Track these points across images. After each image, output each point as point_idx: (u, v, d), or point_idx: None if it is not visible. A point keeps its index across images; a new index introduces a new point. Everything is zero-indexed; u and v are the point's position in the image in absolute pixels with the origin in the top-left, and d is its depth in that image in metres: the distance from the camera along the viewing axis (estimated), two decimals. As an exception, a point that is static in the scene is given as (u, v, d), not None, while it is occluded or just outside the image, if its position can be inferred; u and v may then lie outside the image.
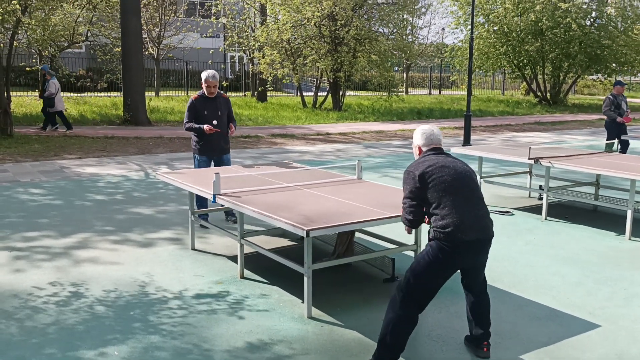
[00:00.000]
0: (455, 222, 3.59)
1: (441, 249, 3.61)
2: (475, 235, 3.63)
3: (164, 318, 4.47)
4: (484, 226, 3.69)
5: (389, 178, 10.19)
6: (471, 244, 3.63)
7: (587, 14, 28.72)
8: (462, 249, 3.62)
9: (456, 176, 3.70)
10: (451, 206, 3.62)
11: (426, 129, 3.98)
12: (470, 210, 3.66)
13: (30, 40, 17.19)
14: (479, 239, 3.66)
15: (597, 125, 22.02)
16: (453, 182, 3.67)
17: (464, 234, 3.59)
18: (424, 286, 3.69)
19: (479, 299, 3.95)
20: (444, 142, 15.71)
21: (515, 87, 43.74)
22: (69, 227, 6.91)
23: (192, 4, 37.76)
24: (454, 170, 3.72)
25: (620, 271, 5.69)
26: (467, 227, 3.60)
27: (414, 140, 4.02)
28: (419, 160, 3.83)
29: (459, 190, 3.67)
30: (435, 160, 3.76)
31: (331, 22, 22.60)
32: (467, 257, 3.71)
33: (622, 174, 6.75)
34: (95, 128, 16.88)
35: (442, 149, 3.93)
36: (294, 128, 18.30)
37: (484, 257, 3.82)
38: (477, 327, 3.97)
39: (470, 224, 3.62)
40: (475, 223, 3.65)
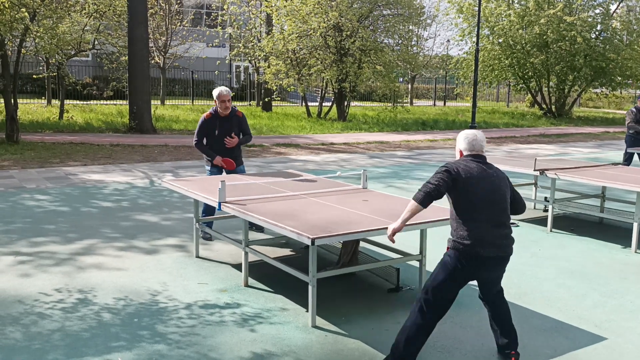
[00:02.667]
0: (477, 236, 3.64)
1: (459, 259, 3.69)
2: (494, 252, 3.68)
3: (168, 325, 4.46)
4: (504, 244, 3.73)
5: (393, 188, 10.18)
6: (488, 260, 3.69)
7: (592, 27, 28.76)
8: (478, 262, 3.68)
9: (491, 192, 3.71)
10: (478, 220, 3.67)
11: (470, 133, 3.93)
12: (495, 228, 3.69)
13: (37, 48, 17.25)
14: (497, 256, 3.71)
15: (602, 138, 22.00)
16: (487, 197, 3.69)
17: (483, 249, 3.64)
18: (442, 295, 3.75)
19: (496, 308, 3.97)
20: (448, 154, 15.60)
21: (520, 100, 43.77)
22: (75, 234, 6.93)
23: (199, 13, 37.99)
24: (491, 185, 3.73)
25: (626, 284, 5.66)
26: (488, 244, 3.65)
27: (457, 144, 3.99)
28: (461, 162, 3.80)
29: (490, 207, 3.70)
30: (476, 169, 3.75)
31: (337, 33, 22.69)
32: (483, 271, 3.78)
33: (628, 186, 6.74)
34: (100, 136, 16.95)
35: (484, 157, 3.89)
36: (298, 138, 18.33)
37: (501, 272, 3.89)
38: (502, 337, 4.00)
39: (491, 241, 3.66)
40: (497, 240, 3.69)
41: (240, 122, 6.96)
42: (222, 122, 6.80)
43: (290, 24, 22.88)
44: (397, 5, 24.28)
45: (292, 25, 22.82)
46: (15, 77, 15.20)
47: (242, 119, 6.99)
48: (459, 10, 30.22)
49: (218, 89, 6.79)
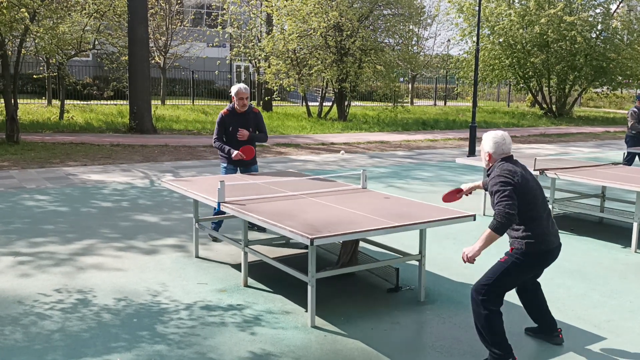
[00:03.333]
0: (544, 233, 3.87)
1: (530, 258, 3.86)
2: (557, 241, 3.97)
3: (167, 326, 4.46)
4: (558, 234, 4.03)
5: (393, 188, 10.18)
6: (554, 251, 3.95)
7: (592, 27, 28.75)
8: (548, 256, 3.93)
9: (539, 189, 3.93)
10: (540, 218, 3.86)
11: (498, 136, 3.95)
12: (550, 219, 3.95)
13: (38, 48, 17.26)
14: (559, 244, 4.00)
15: (602, 138, 21.99)
16: (539, 194, 3.90)
17: (550, 243, 3.90)
18: (505, 286, 3.92)
19: (536, 294, 4.23)
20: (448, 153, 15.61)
21: (521, 99, 43.75)
22: (74, 234, 6.93)
23: (199, 13, 38.00)
24: (536, 183, 3.94)
25: (626, 284, 5.65)
26: (552, 235, 3.93)
27: (484, 146, 4.00)
28: (508, 169, 3.85)
29: (542, 201, 3.91)
30: (522, 171, 3.89)
31: (337, 33, 22.69)
32: (550, 262, 4.00)
33: (628, 186, 6.73)
34: (100, 136, 16.96)
35: (513, 156, 3.99)
36: (298, 137, 18.33)
37: None
38: (543, 320, 4.25)
39: (553, 232, 3.95)
40: (556, 231, 3.99)
41: (257, 119, 7.02)
42: (239, 118, 6.86)
43: (291, 24, 22.88)
44: (397, 5, 24.27)
45: (292, 25, 22.82)
46: (16, 77, 15.21)
47: (258, 115, 7.08)
48: (459, 10, 30.21)
49: (236, 86, 6.86)
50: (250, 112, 6.95)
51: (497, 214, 3.73)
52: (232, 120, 6.85)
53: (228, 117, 6.86)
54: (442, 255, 6.35)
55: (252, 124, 6.95)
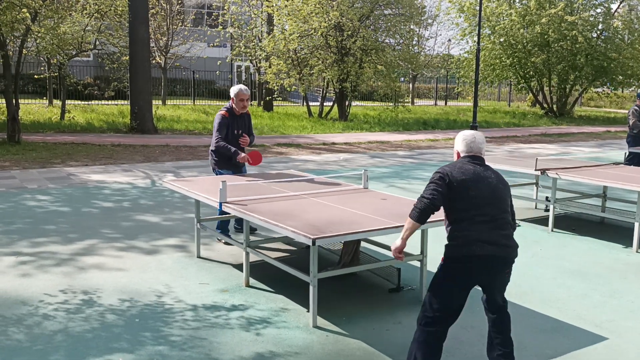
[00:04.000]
0: (475, 236, 3.48)
1: (457, 262, 3.52)
2: (493, 250, 3.48)
3: (169, 326, 4.47)
4: (503, 245, 3.53)
5: (394, 188, 10.18)
6: (488, 259, 3.49)
7: (593, 26, 28.75)
8: (480, 263, 3.49)
9: (489, 193, 3.56)
10: (476, 221, 3.50)
11: (468, 135, 3.78)
12: (495, 228, 3.53)
13: (39, 48, 17.29)
14: (498, 256, 3.51)
15: (603, 138, 21.99)
16: (484, 198, 3.53)
17: (482, 248, 3.46)
18: (436, 303, 3.56)
19: (497, 318, 3.71)
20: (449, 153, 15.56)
21: (522, 99, 43.73)
22: (76, 234, 6.94)
23: (200, 13, 38.01)
24: (488, 187, 3.57)
25: (627, 284, 5.66)
26: (487, 242, 3.47)
27: (455, 145, 3.85)
28: (455, 165, 3.66)
29: (488, 207, 3.53)
30: (472, 171, 3.60)
31: (338, 33, 22.69)
32: (482, 273, 3.57)
33: (629, 186, 6.73)
34: (102, 136, 16.97)
35: (482, 158, 3.73)
36: (299, 137, 18.34)
37: (502, 277, 3.65)
38: (499, 347, 3.71)
39: (490, 240, 3.48)
40: (498, 240, 3.51)
41: (250, 120, 6.96)
42: (237, 121, 6.74)
43: (292, 24, 22.89)
44: (398, 5, 24.28)
45: (293, 25, 22.83)
46: (17, 77, 15.22)
47: (250, 117, 7.00)
48: (459, 9, 30.21)
49: (237, 87, 6.68)
50: (246, 114, 6.83)
51: (418, 200, 3.59)
52: (232, 122, 6.71)
53: (229, 119, 6.70)
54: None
55: (248, 126, 6.87)
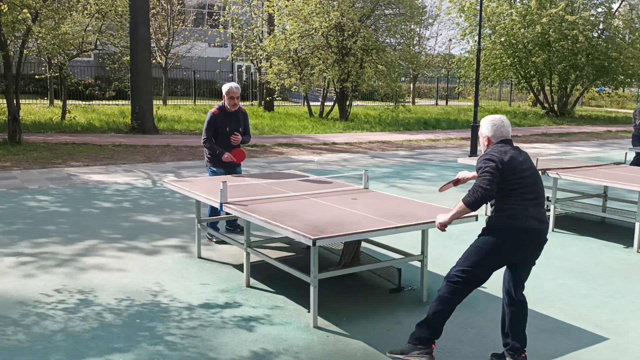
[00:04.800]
0: (522, 211, 3.69)
1: (505, 234, 3.72)
2: (537, 225, 3.73)
3: (169, 326, 4.47)
4: (543, 220, 3.80)
5: (395, 188, 10.18)
6: (531, 233, 3.72)
7: (594, 26, 28.72)
8: (522, 236, 3.71)
9: (532, 173, 3.79)
10: (524, 199, 3.70)
11: (496, 120, 3.89)
12: (537, 205, 3.77)
13: (40, 48, 17.30)
14: (540, 229, 3.76)
15: (604, 137, 21.97)
16: (530, 178, 3.75)
17: (526, 222, 3.69)
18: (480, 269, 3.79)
19: (518, 311, 3.90)
20: (450, 153, 15.54)
21: (523, 99, 43.70)
22: (76, 234, 6.94)
23: (201, 13, 38.02)
24: (530, 167, 3.80)
25: (628, 284, 5.65)
26: (533, 218, 3.71)
27: (483, 130, 3.93)
28: (499, 149, 3.78)
29: (534, 186, 3.76)
30: (514, 154, 3.77)
31: (339, 33, 22.69)
32: (525, 247, 3.76)
33: (630, 186, 6.73)
34: (102, 136, 16.97)
35: (512, 141, 3.89)
36: (300, 137, 18.34)
37: (538, 253, 3.86)
38: (514, 341, 3.89)
39: (536, 217, 3.73)
40: (540, 217, 3.77)
41: (245, 119, 6.94)
42: (230, 118, 6.75)
43: (292, 24, 22.88)
44: (398, 5, 24.27)
45: (294, 25, 22.82)
46: (18, 77, 15.23)
47: (245, 115, 6.99)
48: (460, 9, 30.20)
49: (228, 84, 6.73)
50: (239, 111, 6.84)
51: (473, 188, 3.69)
52: (223, 119, 6.72)
53: (219, 116, 6.72)
54: (444, 255, 6.35)
55: (241, 124, 6.85)
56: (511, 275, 3.91)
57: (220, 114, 6.73)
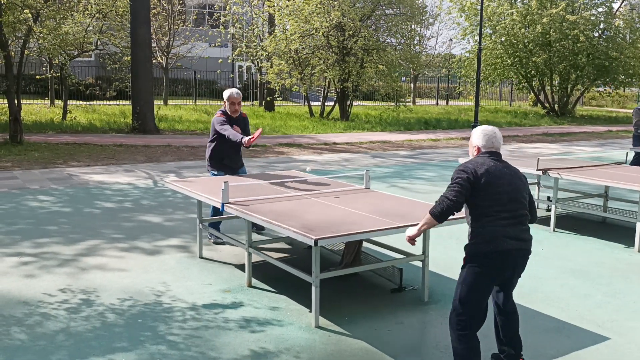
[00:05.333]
0: (499, 232, 3.53)
1: (483, 259, 3.56)
2: (517, 245, 3.58)
3: (171, 326, 4.48)
4: (526, 238, 3.65)
5: (396, 188, 10.19)
6: (508, 253, 3.56)
7: (594, 25, 28.71)
8: (503, 258, 3.56)
9: (510, 189, 3.60)
10: (500, 217, 3.54)
11: (488, 130, 3.79)
12: (517, 224, 3.60)
13: (41, 48, 17.31)
14: (521, 249, 3.61)
15: (605, 137, 21.96)
16: (507, 195, 3.58)
17: (506, 243, 3.53)
18: (472, 300, 3.61)
19: (509, 320, 3.81)
20: (451, 153, 15.51)
21: (523, 98, 43.69)
22: (78, 235, 6.95)
23: (201, 13, 38.04)
24: (509, 183, 3.62)
25: (629, 284, 5.66)
26: (511, 238, 3.55)
27: (473, 140, 3.83)
28: (477, 160, 3.67)
29: (511, 204, 3.59)
30: (494, 167, 3.62)
31: (339, 33, 22.70)
32: (508, 268, 3.64)
33: (631, 185, 6.73)
34: (103, 136, 16.98)
35: (500, 154, 3.77)
36: (301, 137, 18.34)
37: (522, 269, 3.75)
38: (509, 347, 3.85)
39: (514, 235, 3.56)
40: (520, 234, 3.61)
41: (245, 124, 6.94)
42: (231, 123, 6.74)
43: (293, 24, 22.89)
44: (399, 5, 24.27)
45: (294, 25, 22.83)
46: (19, 77, 15.24)
47: (246, 120, 7.00)
48: (461, 9, 30.20)
49: (229, 90, 6.73)
50: (240, 117, 6.83)
51: (440, 198, 3.61)
52: (228, 123, 6.71)
53: (225, 120, 6.70)
54: (445, 255, 6.36)
55: (243, 128, 6.82)
56: (501, 289, 3.84)
57: (224, 118, 6.72)
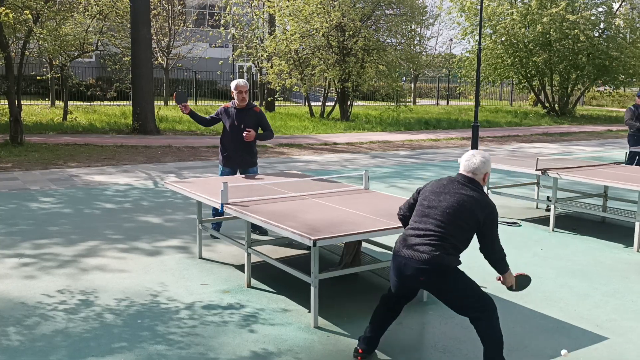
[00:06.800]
0: (401, 237, 3.78)
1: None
2: (406, 252, 3.66)
3: (170, 327, 4.49)
4: (420, 251, 3.62)
5: (395, 188, 10.19)
6: (396, 259, 3.73)
7: (595, 25, 28.70)
8: (396, 262, 3.74)
9: (435, 205, 3.72)
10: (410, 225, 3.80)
11: (467, 154, 3.88)
12: (418, 235, 3.67)
13: (41, 49, 17.34)
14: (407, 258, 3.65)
15: (605, 137, 21.96)
16: (426, 209, 3.75)
17: (397, 249, 3.73)
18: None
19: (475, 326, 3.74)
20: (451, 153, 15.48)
21: (524, 98, 43.68)
22: (78, 235, 6.96)
23: (202, 14, 38.06)
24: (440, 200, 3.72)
25: (628, 283, 5.66)
26: (404, 246, 3.70)
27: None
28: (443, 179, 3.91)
29: (423, 219, 3.72)
30: (439, 184, 3.83)
31: (339, 33, 22.70)
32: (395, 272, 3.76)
33: (630, 185, 6.74)
34: (104, 137, 17.00)
35: (468, 178, 3.78)
36: (301, 138, 18.35)
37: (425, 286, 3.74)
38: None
39: (408, 243, 3.69)
40: (415, 246, 3.64)
41: (259, 118, 6.95)
42: (238, 114, 6.84)
43: (293, 24, 22.90)
44: (399, 5, 24.28)
45: (294, 26, 22.84)
46: (19, 78, 15.26)
47: (260, 115, 6.99)
48: (461, 9, 30.20)
49: (235, 80, 6.86)
50: (250, 110, 6.89)
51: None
52: (232, 114, 6.84)
53: (229, 110, 6.89)
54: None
55: (251, 123, 6.85)
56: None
57: (229, 108, 6.89)
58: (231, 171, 6.98)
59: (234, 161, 6.95)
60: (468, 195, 3.69)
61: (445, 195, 3.73)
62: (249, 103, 6.91)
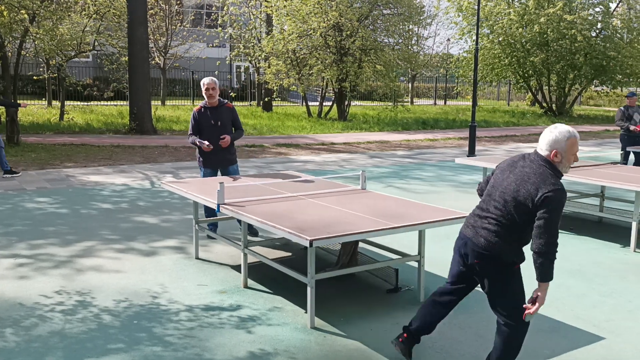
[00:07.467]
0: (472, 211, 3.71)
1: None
2: (468, 232, 3.61)
3: (166, 327, 4.47)
4: (479, 232, 3.51)
5: (393, 188, 10.18)
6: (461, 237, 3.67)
7: (592, 25, 28.74)
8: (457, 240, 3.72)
9: (497, 184, 3.53)
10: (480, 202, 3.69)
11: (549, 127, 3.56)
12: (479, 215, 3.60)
13: (37, 49, 17.30)
14: (467, 237, 3.59)
15: (602, 137, 21.99)
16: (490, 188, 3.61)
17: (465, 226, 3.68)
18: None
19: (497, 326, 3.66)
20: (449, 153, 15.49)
21: (521, 98, 43.74)
22: (74, 236, 6.94)
23: (199, 14, 38.01)
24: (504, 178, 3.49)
25: (625, 283, 5.66)
26: (468, 225, 3.65)
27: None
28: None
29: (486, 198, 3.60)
30: (511, 160, 3.58)
31: (337, 33, 22.70)
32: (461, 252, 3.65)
33: (627, 185, 6.74)
34: (101, 137, 16.97)
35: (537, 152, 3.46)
36: (298, 138, 18.34)
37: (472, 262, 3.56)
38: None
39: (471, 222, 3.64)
40: (476, 223, 3.58)
41: (232, 115, 6.96)
42: (212, 113, 6.83)
43: (291, 24, 22.89)
44: (397, 5, 24.28)
45: (292, 26, 22.83)
46: (16, 78, 15.23)
47: (233, 110, 7.00)
48: (458, 9, 30.22)
49: (203, 79, 6.86)
50: (223, 107, 6.88)
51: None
52: (205, 116, 6.82)
53: (201, 113, 6.85)
54: (441, 255, 6.36)
55: (225, 120, 6.85)
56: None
57: (202, 110, 6.88)
58: (212, 172, 6.98)
59: (213, 161, 6.93)
60: (528, 173, 3.35)
61: (509, 174, 3.45)
62: (220, 100, 6.90)
